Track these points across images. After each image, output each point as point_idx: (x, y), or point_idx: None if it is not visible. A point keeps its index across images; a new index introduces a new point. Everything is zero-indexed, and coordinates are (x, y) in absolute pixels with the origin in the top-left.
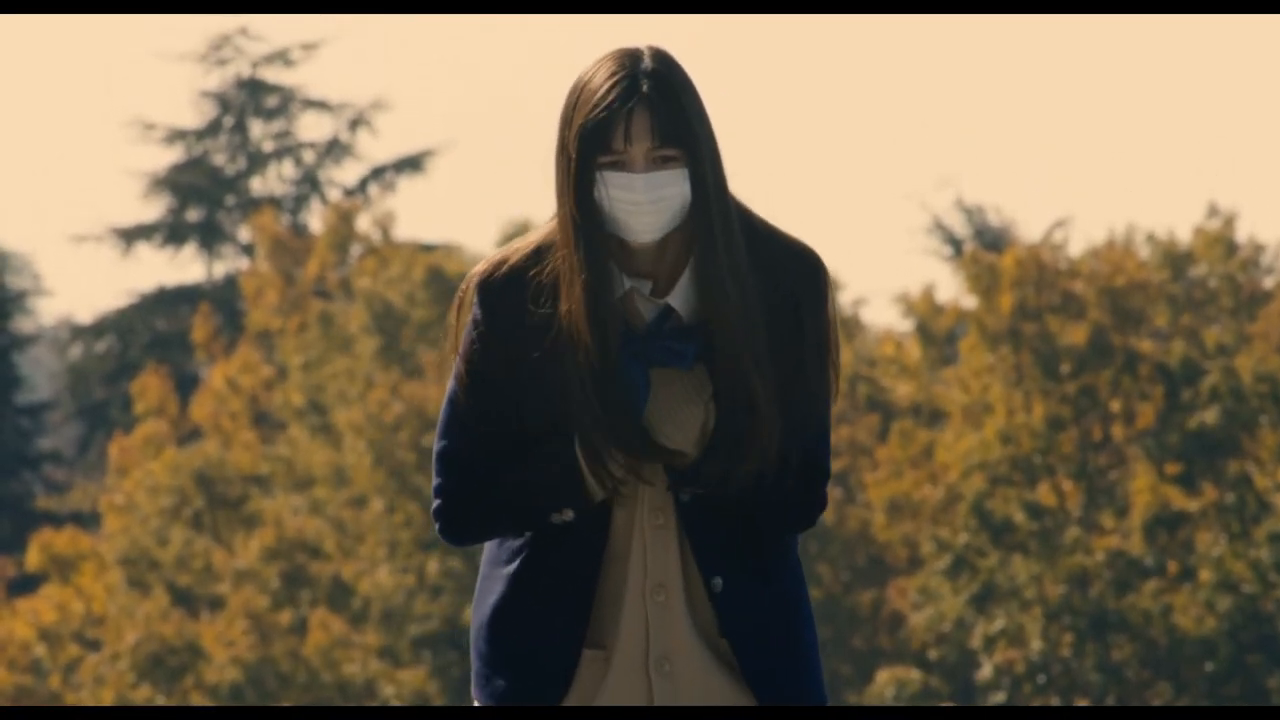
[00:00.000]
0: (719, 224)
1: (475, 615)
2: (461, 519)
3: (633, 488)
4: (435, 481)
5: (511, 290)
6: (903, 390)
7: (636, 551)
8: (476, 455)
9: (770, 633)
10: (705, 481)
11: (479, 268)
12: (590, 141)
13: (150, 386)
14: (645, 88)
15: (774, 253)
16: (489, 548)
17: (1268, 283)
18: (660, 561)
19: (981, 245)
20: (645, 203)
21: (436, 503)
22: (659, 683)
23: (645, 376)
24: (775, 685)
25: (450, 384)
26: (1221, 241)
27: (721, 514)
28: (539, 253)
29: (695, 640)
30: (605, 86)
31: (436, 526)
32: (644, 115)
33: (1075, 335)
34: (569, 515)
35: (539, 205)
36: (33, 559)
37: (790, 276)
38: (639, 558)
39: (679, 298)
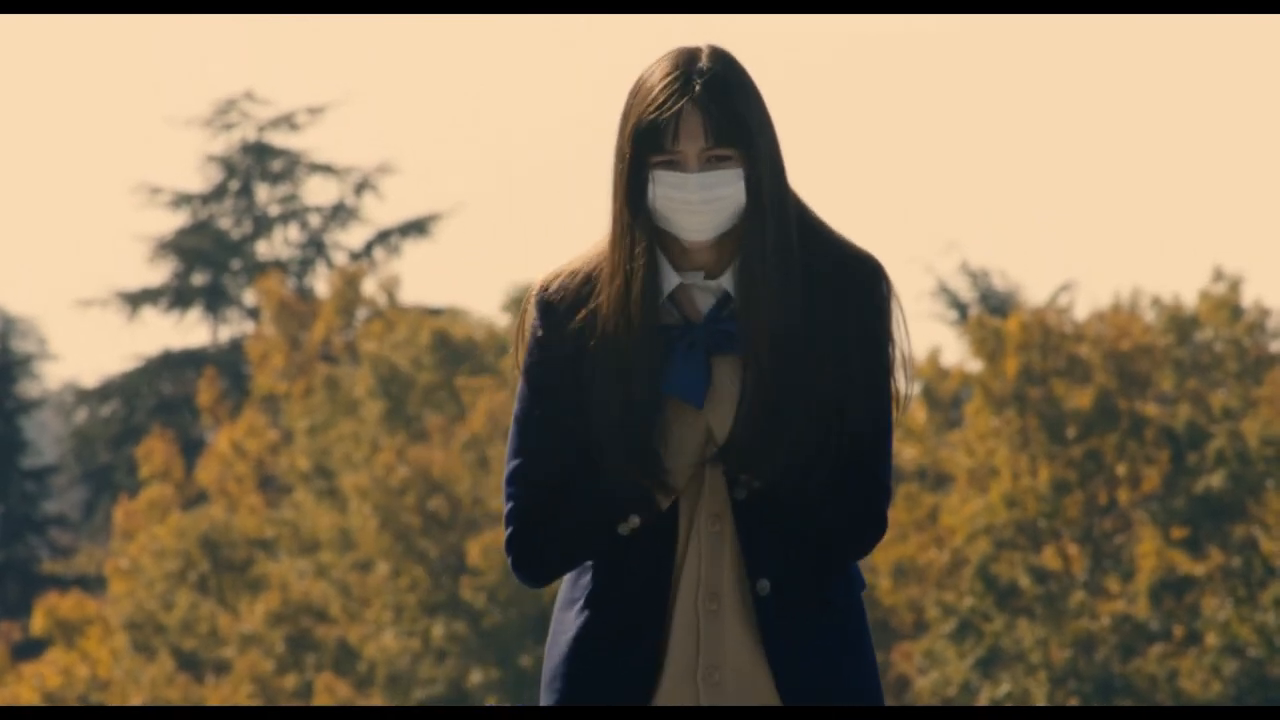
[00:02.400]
0: (771, 223)
1: (549, 657)
2: (533, 542)
3: (694, 492)
4: (506, 507)
5: (570, 297)
6: (908, 454)
7: (692, 559)
8: (544, 472)
9: (814, 644)
10: (736, 457)
11: (541, 277)
12: (643, 141)
13: (155, 450)
14: (698, 86)
15: (833, 258)
16: (563, 586)
17: (1274, 347)
18: (715, 569)
19: (987, 309)
20: (698, 202)
21: (509, 530)
22: (707, 692)
23: (705, 365)
24: (814, 698)
25: (516, 404)
26: (1227, 305)
27: (777, 517)
28: (599, 259)
29: (747, 649)
30: (659, 86)
31: (510, 560)
32: (696, 114)
33: (1081, 399)
34: (635, 523)
35: (545, 269)
36: (38, 623)
37: (848, 283)
38: (693, 565)
39: (729, 283)
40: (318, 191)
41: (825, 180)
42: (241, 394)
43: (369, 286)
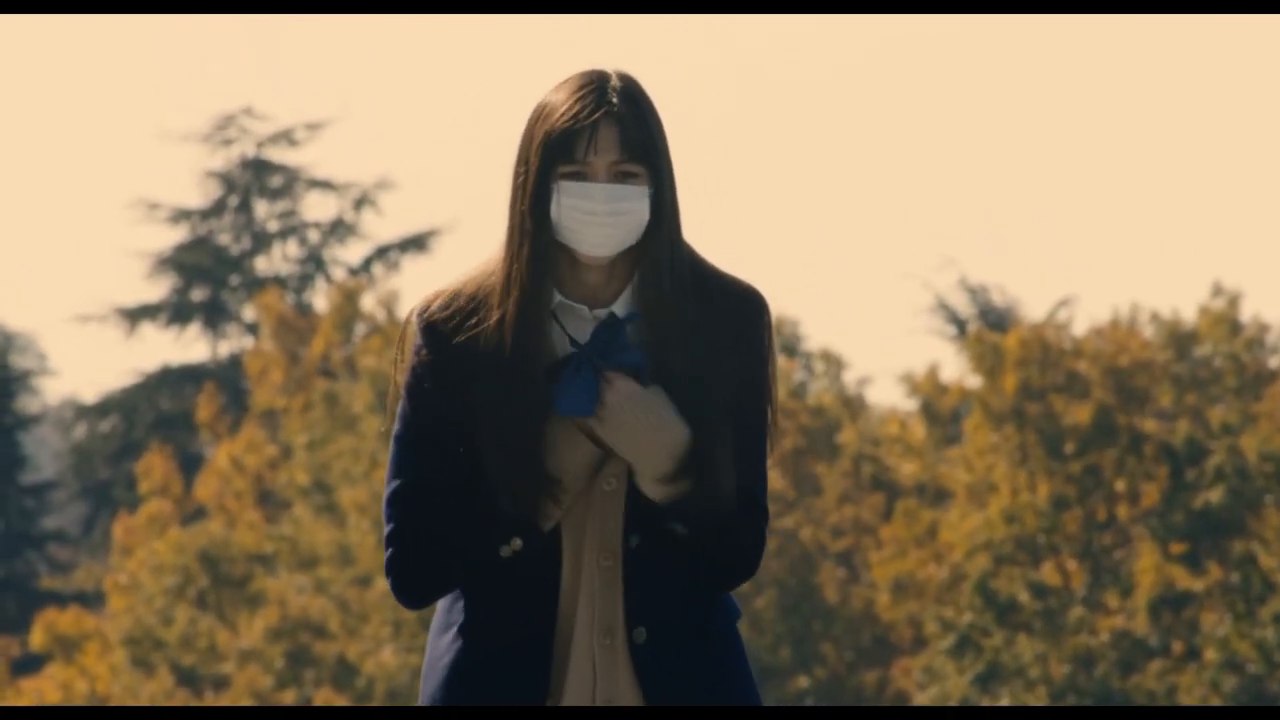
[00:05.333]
0: (668, 245)
1: (427, 680)
2: (415, 563)
3: (579, 525)
4: (387, 528)
5: (454, 317)
6: (907, 469)
7: (585, 594)
8: (425, 492)
9: (690, 682)
10: (683, 505)
11: (422, 297)
12: (553, 151)
13: (154, 466)
14: (614, 101)
15: (717, 290)
16: (438, 611)
17: (1273, 362)
18: (609, 605)
19: (985, 325)
20: (603, 213)
21: (389, 551)
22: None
23: (594, 383)
24: None
25: (395, 424)
26: (1226, 321)
27: (664, 560)
28: (482, 278)
29: (640, 687)
30: (572, 99)
31: (390, 582)
32: (611, 128)
33: (1079, 415)
34: (518, 545)
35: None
36: (37, 639)
37: (732, 314)
38: (588, 601)
39: (621, 309)
40: (317, 207)
41: (822, 196)
42: (240, 409)
43: (368, 302)
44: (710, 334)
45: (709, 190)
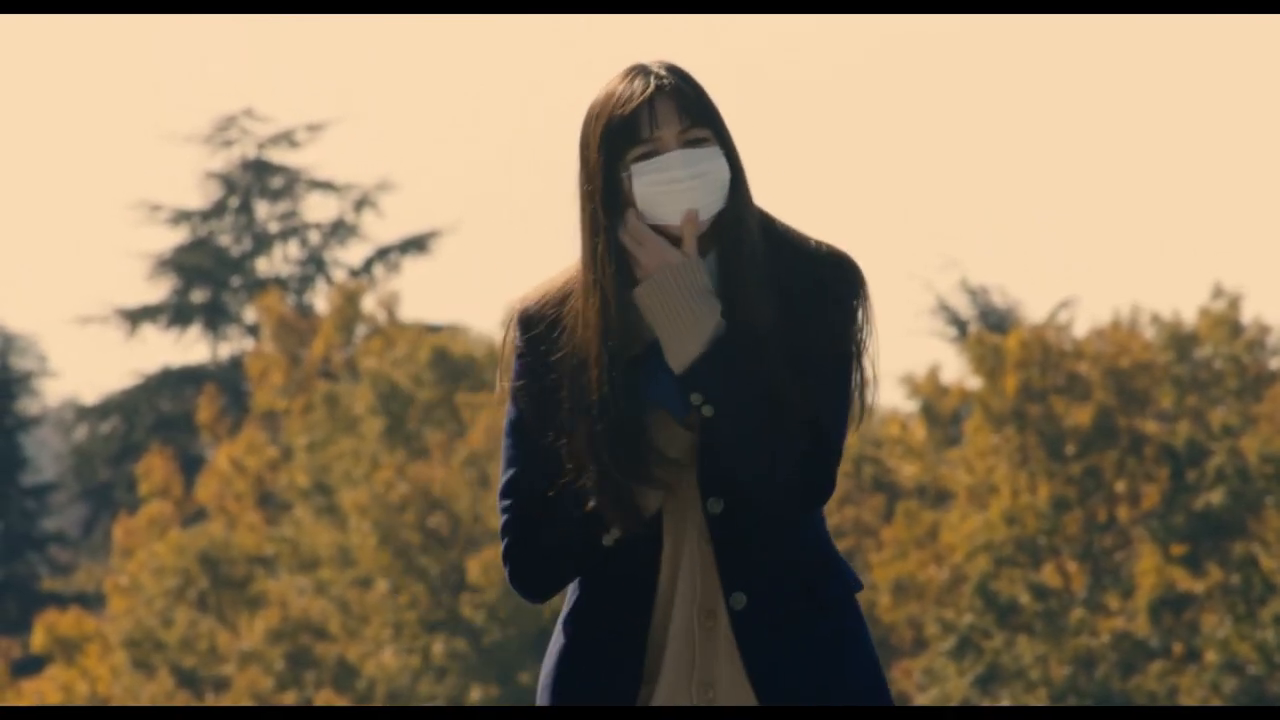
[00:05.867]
0: (746, 205)
1: (544, 668)
2: (528, 553)
3: (679, 508)
4: (501, 520)
5: (550, 314)
6: (908, 471)
7: (685, 578)
8: (535, 484)
9: (796, 654)
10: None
11: (520, 295)
12: (615, 138)
13: (155, 467)
14: (664, 74)
15: (805, 254)
16: (564, 604)
17: (1273, 364)
18: (708, 586)
19: (986, 326)
20: (685, 178)
21: (505, 541)
22: (701, 707)
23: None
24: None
25: (506, 417)
26: (1227, 323)
27: (755, 523)
28: (573, 275)
29: (736, 664)
30: (621, 86)
31: (507, 572)
32: (668, 100)
33: (1080, 416)
34: (617, 534)
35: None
36: (37, 640)
37: (820, 277)
38: (687, 581)
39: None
40: (317, 208)
41: (823, 197)
42: (241, 411)
43: (368, 303)
44: (796, 293)
45: None
